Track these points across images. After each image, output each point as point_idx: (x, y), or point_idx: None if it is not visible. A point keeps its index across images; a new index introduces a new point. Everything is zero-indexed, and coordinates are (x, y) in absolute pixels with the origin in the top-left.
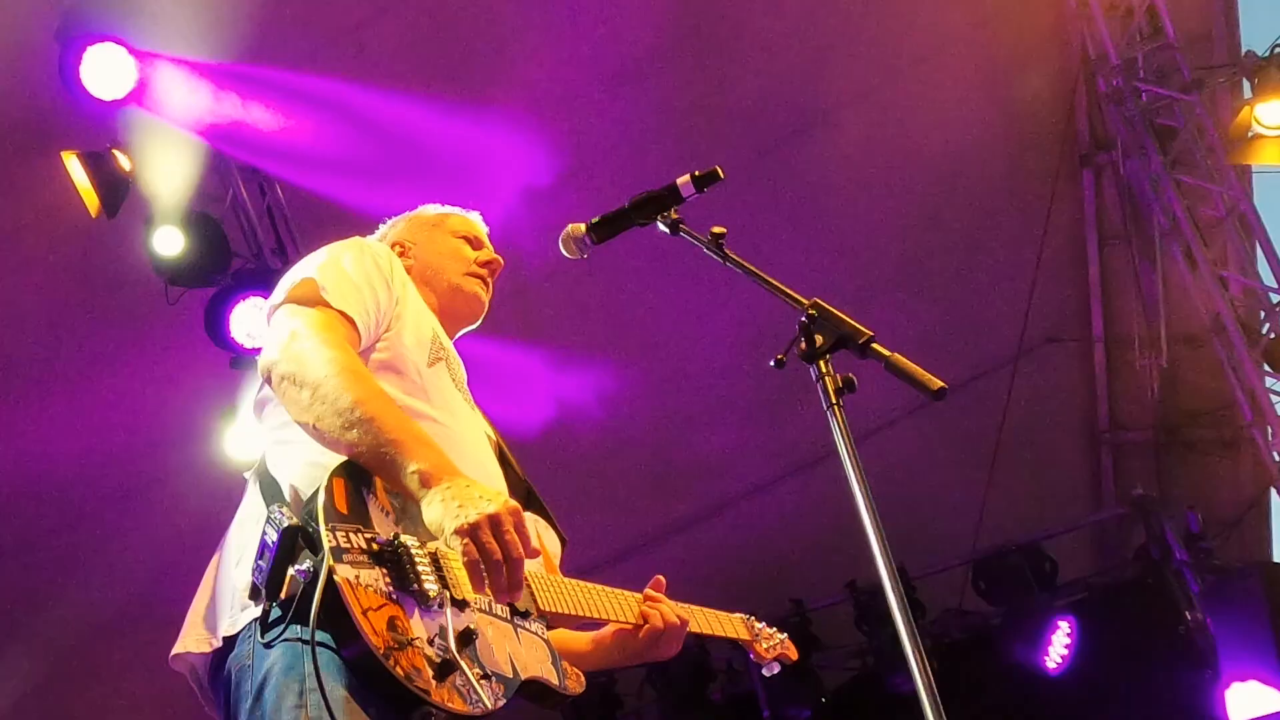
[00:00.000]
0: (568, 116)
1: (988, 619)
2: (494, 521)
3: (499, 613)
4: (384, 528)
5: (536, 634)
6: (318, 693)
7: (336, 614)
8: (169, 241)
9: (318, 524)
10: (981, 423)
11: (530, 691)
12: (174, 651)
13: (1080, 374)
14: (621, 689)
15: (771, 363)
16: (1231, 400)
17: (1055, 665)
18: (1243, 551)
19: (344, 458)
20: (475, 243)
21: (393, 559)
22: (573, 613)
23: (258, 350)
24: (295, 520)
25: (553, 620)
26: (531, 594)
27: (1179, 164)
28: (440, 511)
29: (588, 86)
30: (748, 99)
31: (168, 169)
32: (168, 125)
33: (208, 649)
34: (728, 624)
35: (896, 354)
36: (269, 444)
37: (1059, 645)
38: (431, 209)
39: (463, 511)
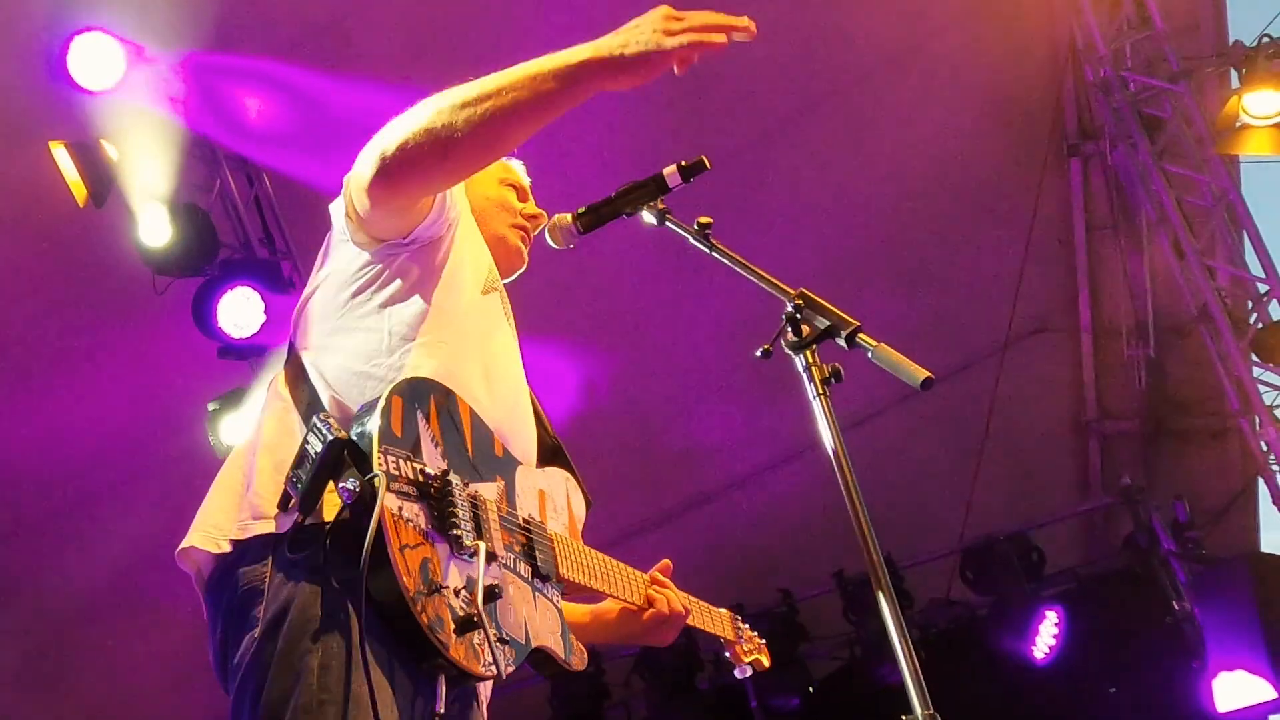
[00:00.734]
0: None
1: (975, 609)
2: (668, 7)
3: (522, 572)
4: (433, 460)
5: (552, 601)
6: (335, 634)
7: (372, 545)
8: (156, 231)
9: (370, 442)
10: (969, 413)
11: (534, 659)
12: (182, 545)
13: (1068, 364)
14: (610, 679)
15: (758, 353)
16: (1219, 390)
17: (1043, 655)
18: (1230, 541)
19: (399, 377)
20: (521, 193)
21: (438, 496)
22: (588, 584)
23: (245, 340)
24: (343, 434)
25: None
26: (554, 559)
27: (1167, 154)
28: (622, 29)
29: None
30: (737, 89)
31: (155, 159)
32: (155, 115)
33: (215, 550)
34: (718, 621)
35: (883, 344)
36: (306, 349)
37: (1046, 635)
38: None
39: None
